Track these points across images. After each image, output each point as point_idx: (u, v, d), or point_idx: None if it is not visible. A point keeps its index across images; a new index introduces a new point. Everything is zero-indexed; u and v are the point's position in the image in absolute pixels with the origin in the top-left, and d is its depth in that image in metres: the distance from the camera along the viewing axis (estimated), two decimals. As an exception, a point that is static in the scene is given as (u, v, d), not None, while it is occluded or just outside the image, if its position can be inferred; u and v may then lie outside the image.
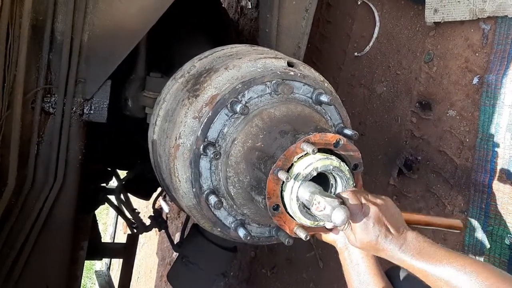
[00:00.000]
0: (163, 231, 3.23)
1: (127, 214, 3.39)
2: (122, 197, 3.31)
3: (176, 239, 3.96)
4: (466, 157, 2.02)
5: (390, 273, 1.26)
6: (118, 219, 6.82)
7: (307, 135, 1.16)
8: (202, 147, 1.29)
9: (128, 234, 3.83)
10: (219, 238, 1.58)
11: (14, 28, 1.58)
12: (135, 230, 3.43)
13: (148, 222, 3.27)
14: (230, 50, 1.61)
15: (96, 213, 3.40)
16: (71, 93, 1.75)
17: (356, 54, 2.71)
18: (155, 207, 3.41)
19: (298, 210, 1.15)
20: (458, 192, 2.04)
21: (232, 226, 1.39)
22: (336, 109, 1.44)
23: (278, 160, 1.14)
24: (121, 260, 3.94)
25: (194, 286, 2.49)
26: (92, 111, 1.81)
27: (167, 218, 5.33)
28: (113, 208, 3.53)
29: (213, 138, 1.31)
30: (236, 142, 1.29)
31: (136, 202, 3.70)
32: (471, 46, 2.06)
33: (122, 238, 5.79)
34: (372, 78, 2.61)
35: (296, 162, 1.16)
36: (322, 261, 2.77)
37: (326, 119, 1.43)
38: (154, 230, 4.32)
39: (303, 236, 1.19)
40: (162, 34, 2.08)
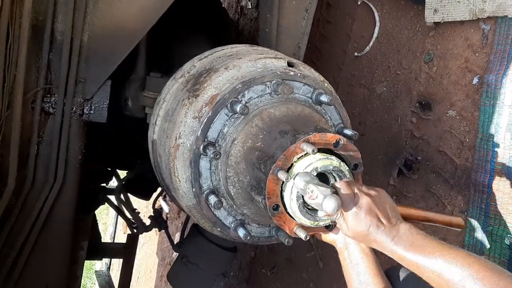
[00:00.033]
0: (163, 231, 3.23)
1: (127, 214, 3.39)
2: (122, 197, 3.32)
3: (176, 239, 3.96)
4: (466, 157, 2.02)
5: (390, 273, 1.26)
6: (118, 219, 6.82)
7: (307, 135, 1.16)
8: (202, 147, 1.29)
9: (128, 234, 3.83)
10: (219, 238, 1.58)
11: (14, 28, 1.58)
12: (135, 230, 3.43)
13: (148, 222, 3.27)
14: (230, 50, 1.61)
15: (96, 213, 3.40)
16: (71, 93, 1.75)
17: (356, 54, 2.71)
18: (155, 207, 3.41)
19: (298, 210, 1.15)
20: (458, 192, 2.04)
21: (232, 226, 1.39)
22: (336, 109, 1.44)
23: (278, 160, 1.14)
24: (121, 260, 3.94)
25: (194, 286, 2.49)
26: (92, 111, 1.82)
27: (167, 218, 5.33)
28: (113, 208, 3.53)
29: (213, 138, 1.31)
30: (236, 142, 1.29)
31: (136, 202, 3.70)
32: (471, 46, 2.06)
33: (122, 238, 5.79)
34: (372, 78, 2.61)
35: (296, 162, 1.16)
36: (322, 261, 2.77)
37: (326, 119, 1.43)
38: (154, 230, 4.32)
39: (303, 236, 1.19)
40: (162, 34, 2.08)
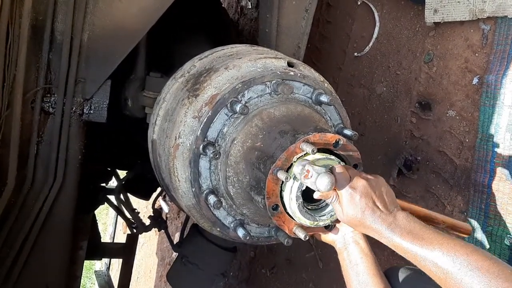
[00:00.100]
0: (163, 231, 3.23)
1: (127, 214, 3.38)
2: (122, 197, 3.31)
3: (175, 239, 3.96)
4: (466, 157, 2.02)
5: (389, 273, 1.26)
6: (117, 219, 6.82)
7: (307, 135, 1.16)
8: (201, 147, 1.29)
9: (127, 234, 3.82)
10: (219, 238, 1.58)
11: (14, 27, 1.58)
12: (135, 230, 3.42)
13: (147, 222, 3.27)
14: (230, 50, 1.61)
15: (95, 213, 3.40)
16: (71, 93, 1.75)
17: (356, 54, 2.71)
18: (155, 207, 3.41)
19: (298, 210, 1.15)
20: (457, 192, 2.04)
21: (231, 226, 1.39)
22: (335, 109, 1.44)
23: (277, 160, 1.14)
24: (120, 260, 3.94)
25: (193, 286, 2.48)
26: (91, 111, 1.81)
27: (167, 218, 5.33)
28: (112, 208, 3.52)
29: (212, 138, 1.31)
30: (235, 142, 1.29)
31: (135, 202, 3.70)
32: (471, 47, 2.06)
33: (121, 238, 5.79)
34: (372, 78, 2.61)
35: (295, 162, 1.16)
36: (322, 261, 2.77)
37: (326, 119, 1.43)
38: (153, 230, 4.32)
39: (302, 236, 1.19)
40: (162, 34, 2.08)
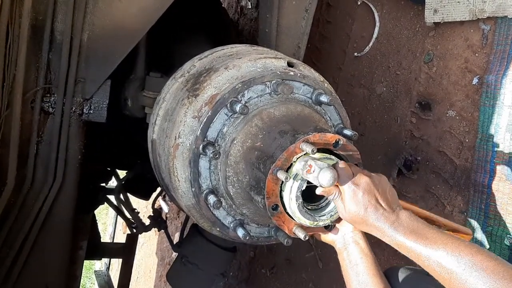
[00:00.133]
0: (163, 231, 3.22)
1: (127, 214, 3.38)
2: (122, 197, 3.31)
3: (175, 239, 3.96)
4: (466, 157, 2.02)
5: (389, 273, 1.26)
6: (117, 219, 6.82)
7: (307, 135, 1.16)
8: (201, 147, 1.29)
9: (127, 234, 3.82)
10: (219, 238, 1.58)
11: (14, 27, 1.58)
12: (135, 230, 3.42)
13: (147, 222, 3.27)
14: (230, 50, 1.61)
15: (95, 213, 3.40)
16: (71, 92, 1.74)
17: (356, 54, 2.71)
18: (155, 207, 3.41)
19: (297, 210, 1.15)
20: (457, 192, 2.04)
21: (231, 226, 1.39)
22: (335, 109, 1.44)
23: (277, 160, 1.14)
24: (120, 260, 3.94)
25: (193, 286, 2.48)
26: (91, 111, 1.81)
27: (167, 218, 5.33)
28: (112, 208, 3.52)
29: (212, 138, 1.31)
30: (235, 142, 1.29)
31: (135, 202, 3.69)
32: (471, 47, 2.06)
33: (121, 238, 5.79)
34: (371, 78, 2.61)
35: (295, 162, 1.16)
36: (322, 261, 2.77)
37: (326, 120, 1.43)
38: (153, 230, 4.32)
39: (302, 236, 1.19)
40: (162, 33, 2.07)
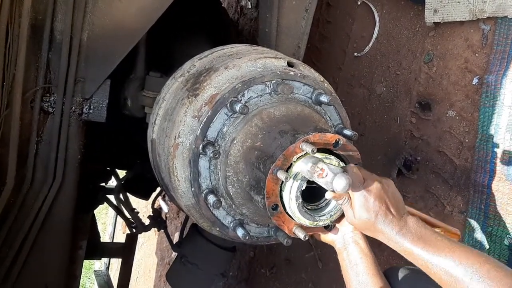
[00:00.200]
0: (162, 231, 3.22)
1: (126, 214, 3.38)
2: (121, 196, 3.31)
3: (175, 239, 3.96)
4: (466, 157, 2.02)
5: (389, 273, 1.26)
6: (117, 219, 6.82)
7: (307, 135, 1.16)
8: (201, 147, 1.28)
9: (127, 233, 3.82)
10: (218, 238, 1.58)
11: (14, 27, 1.58)
12: (134, 230, 3.42)
13: (147, 222, 3.27)
14: (230, 49, 1.61)
15: (95, 212, 3.40)
16: (70, 92, 1.74)
17: (355, 54, 2.71)
18: (154, 207, 3.41)
19: (297, 210, 1.15)
20: (457, 192, 2.04)
21: (231, 225, 1.39)
22: (335, 109, 1.44)
23: (277, 159, 1.14)
24: (120, 259, 3.94)
25: (193, 286, 2.48)
26: (91, 111, 1.81)
27: (166, 218, 5.33)
28: (112, 207, 3.52)
29: (212, 138, 1.31)
30: (235, 142, 1.29)
31: (135, 202, 3.69)
32: (471, 47, 2.06)
33: (121, 237, 5.79)
34: (371, 78, 2.61)
35: (295, 162, 1.15)
36: (321, 261, 2.77)
37: (326, 120, 1.42)
38: (153, 230, 4.32)
39: (302, 236, 1.19)
40: (162, 33, 2.07)
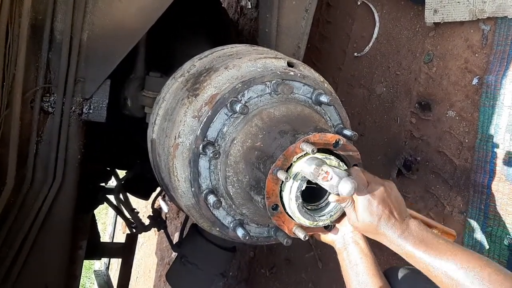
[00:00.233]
0: (162, 231, 3.22)
1: (126, 214, 3.38)
2: (121, 196, 3.31)
3: (175, 239, 3.96)
4: (466, 157, 2.02)
5: (389, 273, 1.26)
6: (117, 219, 6.82)
7: (307, 135, 1.16)
8: (201, 147, 1.28)
9: (127, 233, 3.82)
10: (218, 238, 1.58)
11: (14, 27, 1.58)
12: (134, 230, 3.42)
13: (147, 222, 3.27)
14: (230, 49, 1.61)
15: (95, 212, 3.40)
16: (70, 92, 1.74)
17: (355, 54, 2.71)
18: (154, 207, 3.41)
19: (297, 210, 1.15)
20: (457, 192, 2.04)
21: (230, 226, 1.39)
22: (335, 109, 1.44)
23: (277, 159, 1.14)
24: (120, 259, 3.94)
25: (193, 286, 2.48)
26: (91, 111, 1.81)
27: (166, 218, 5.33)
28: (112, 207, 3.52)
29: (212, 138, 1.31)
30: (235, 142, 1.29)
31: (135, 202, 3.69)
32: (471, 47, 2.06)
33: (121, 237, 5.79)
34: (371, 78, 2.61)
35: (295, 162, 1.16)
36: (321, 261, 2.77)
37: (326, 120, 1.43)
38: (153, 230, 4.32)
39: (302, 236, 1.19)
40: (162, 33, 2.07)
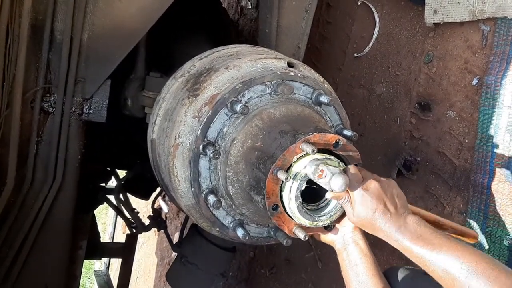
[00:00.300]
0: (162, 231, 3.22)
1: (126, 214, 3.38)
2: (121, 197, 3.31)
3: (175, 239, 3.96)
4: (465, 158, 2.02)
5: (389, 273, 1.26)
6: (117, 219, 6.82)
7: (307, 135, 1.16)
8: (201, 147, 1.29)
9: (127, 234, 3.82)
10: (218, 238, 1.58)
11: (14, 27, 1.58)
12: (134, 230, 3.42)
13: (147, 222, 3.27)
14: (230, 50, 1.61)
15: (95, 212, 3.40)
16: (71, 92, 1.75)
17: (355, 54, 2.72)
18: (154, 207, 3.41)
19: (297, 210, 1.15)
20: (457, 193, 2.04)
21: (230, 226, 1.39)
22: (335, 110, 1.44)
23: (277, 160, 1.14)
24: (120, 260, 3.94)
25: (193, 286, 2.48)
26: (91, 111, 1.81)
27: (166, 218, 5.33)
28: (112, 208, 3.52)
29: (212, 138, 1.31)
30: (235, 142, 1.29)
31: (135, 202, 3.69)
32: (471, 47, 2.06)
33: (121, 238, 5.79)
34: (371, 79, 2.61)
35: (295, 162, 1.16)
36: (321, 261, 2.77)
37: (326, 120, 1.43)
38: (153, 230, 4.32)
39: (302, 236, 1.19)
40: (162, 33, 2.08)
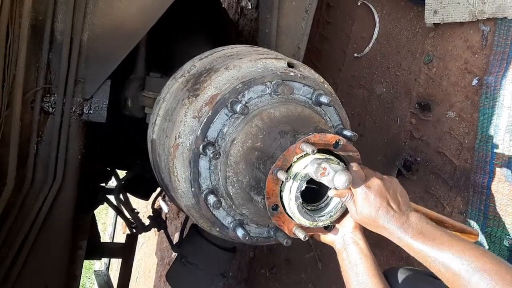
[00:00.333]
0: (162, 231, 3.22)
1: (126, 214, 3.38)
2: (121, 197, 3.31)
3: (175, 239, 3.96)
4: (465, 158, 2.02)
5: (389, 273, 1.26)
6: (117, 219, 6.82)
7: (307, 136, 1.16)
8: (201, 147, 1.29)
9: (127, 234, 3.82)
10: (218, 238, 1.58)
11: (14, 27, 1.58)
12: (134, 230, 3.43)
13: (147, 222, 3.27)
14: (231, 50, 1.61)
15: (95, 212, 3.40)
16: (71, 92, 1.75)
17: (355, 55, 2.72)
18: (154, 207, 3.41)
19: (297, 210, 1.15)
20: (457, 193, 2.04)
21: (230, 226, 1.39)
22: (335, 110, 1.44)
23: (277, 160, 1.14)
24: (120, 260, 3.94)
25: (193, 286, 2.48)
26: (91, 111, 1.82)
27: (166, 218, 5.33)
28: (112, 208, 3.52)
29: (212, 138, 1.31)
30: (235, 142, 1.29)
31: (135, 202, 3.70)
32: (471, 48, 2.06)
33: (121, 238, 5.79)
34: (371, 79, 2.61)
35: (295, 162, 1.16)
36: (321, 261, 2.77)
37: (326, 120, 1.43)
38: (153, 230, 4.32)
39: (302, 236, 1.19)
40: (162, 33, 2.08)
